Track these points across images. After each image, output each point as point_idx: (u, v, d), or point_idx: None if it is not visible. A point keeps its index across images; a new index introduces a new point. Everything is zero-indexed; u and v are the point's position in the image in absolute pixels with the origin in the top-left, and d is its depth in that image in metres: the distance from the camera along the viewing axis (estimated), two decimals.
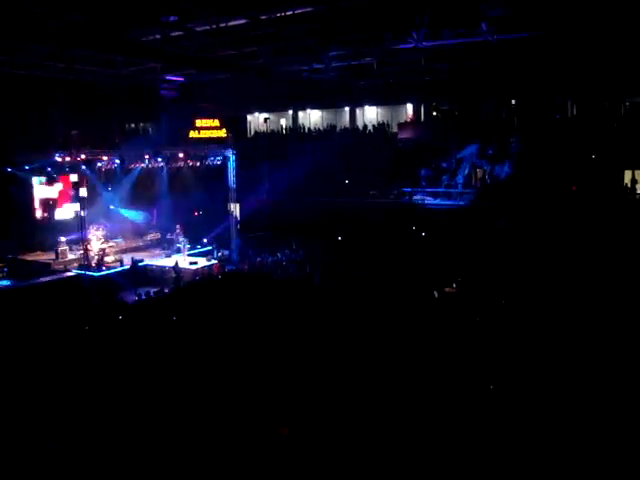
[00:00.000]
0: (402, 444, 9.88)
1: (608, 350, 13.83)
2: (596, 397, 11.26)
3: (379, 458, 9.51)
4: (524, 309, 17.51)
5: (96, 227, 28.71)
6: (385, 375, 12.66)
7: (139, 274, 26.57)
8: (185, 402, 11.46)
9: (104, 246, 28.44)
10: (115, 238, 30.82)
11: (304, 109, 44.66)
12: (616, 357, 13.48)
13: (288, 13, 20.06)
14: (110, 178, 31.08)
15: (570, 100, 34.92)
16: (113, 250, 29.25)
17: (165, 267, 27.47)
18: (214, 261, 28.75)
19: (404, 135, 38.62)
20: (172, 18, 20.20)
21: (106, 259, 27.31)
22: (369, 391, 11.91)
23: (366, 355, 14.03)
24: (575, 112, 34.97)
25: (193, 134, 33.79)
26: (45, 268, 26.43)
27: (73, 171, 27.13)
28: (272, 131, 43.08)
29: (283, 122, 45.45)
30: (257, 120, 45.48)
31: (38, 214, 27.15)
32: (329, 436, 10.10)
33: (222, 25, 21.36)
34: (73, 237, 27.97)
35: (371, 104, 42.24)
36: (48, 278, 24.87)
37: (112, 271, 26.40)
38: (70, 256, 27.65)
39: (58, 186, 28.00)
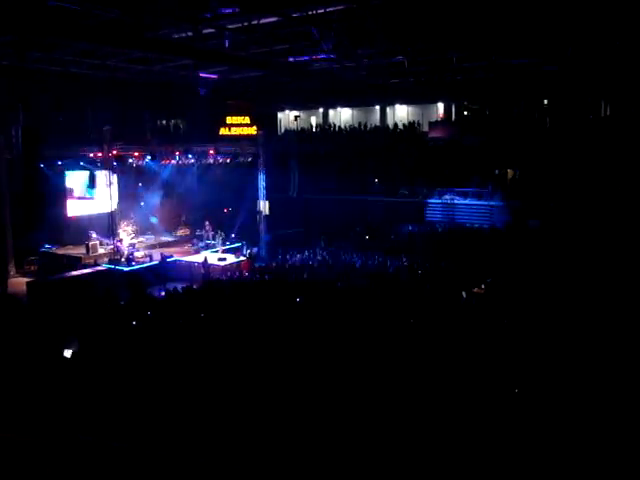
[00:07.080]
0: (424, 446, 9.81)
1: None
2: (630, 406, 10.99)
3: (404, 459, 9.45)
4: (554, 312, 17.24)
5: (126, 222, 29.01)
6: (407, 376, 12.57)
7: (168, 270, 26.78)
8: (207, 397, 11.50)
9: (134, 241, 28.80)
10: (145, 234, 31.15)
11: (335, 107, 44.62)
12: None
13: (320, 11, 20.02)
14: (141, 174, 31.40)
15: (603, 100, 34.43)
16: (143, 245, 29.58)
17: (194, 263, 27.65)
18: (243, 258, 28.85)
19: (435, 134, 38.40)
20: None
21: (136, 254, 27.57)
22: (390, 393, 11.84)
23: (388, 356, 13.93)
24: (609, 112, 34.48)
25: (224, 131, 33.86)
26: (76, 262, 26.81)
27: (105, 166, 27.45)
28: (302, 129, 43.12)
29: (313, 120, 45.45)
30: (287, 118, 45.56)
31: (70, 209, 27.46)
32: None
33: (254, 23, 21.38)
34: (103, 232, 28.29)
35: (402, 103, 42.07)
36: (79, 272, 25.20)
37: (141, 266, 26.64)
38: (100, 251, 27.97)
39: (90, 181, 28.28)
